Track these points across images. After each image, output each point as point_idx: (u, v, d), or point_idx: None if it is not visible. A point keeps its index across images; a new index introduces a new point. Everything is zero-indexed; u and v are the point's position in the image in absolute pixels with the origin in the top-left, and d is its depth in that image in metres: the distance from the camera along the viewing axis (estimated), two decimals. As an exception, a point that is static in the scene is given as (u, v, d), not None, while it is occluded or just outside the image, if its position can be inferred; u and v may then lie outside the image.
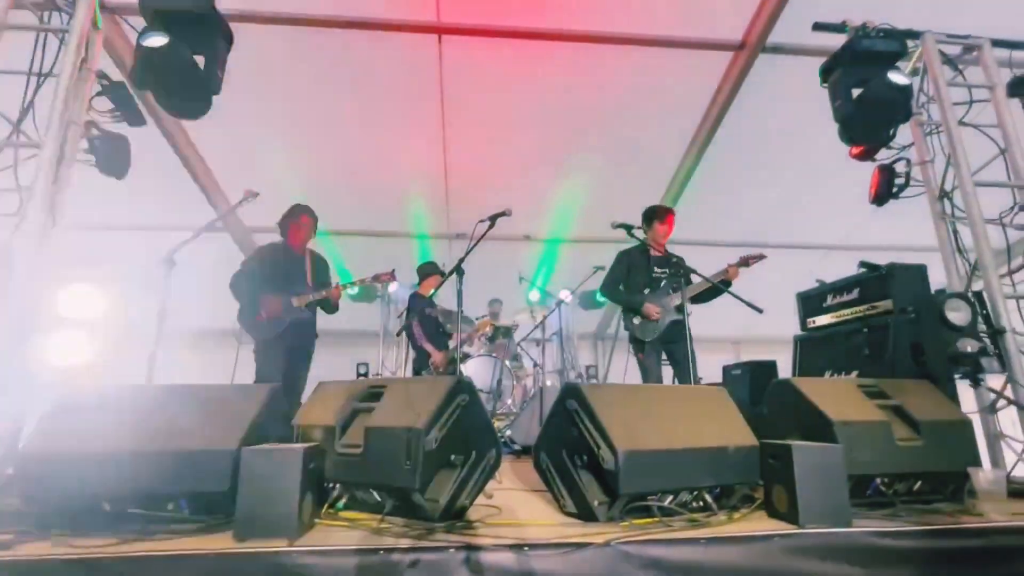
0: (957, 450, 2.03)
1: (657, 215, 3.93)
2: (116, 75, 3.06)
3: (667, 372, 3.98)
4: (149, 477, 1.73)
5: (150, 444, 1.77)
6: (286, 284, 3.69)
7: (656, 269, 3.92)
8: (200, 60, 2.49)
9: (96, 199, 4.21)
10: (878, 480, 1.95)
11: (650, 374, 3.85)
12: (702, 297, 3.79)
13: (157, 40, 2.30)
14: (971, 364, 2.37)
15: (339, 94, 4.67)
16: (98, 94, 2.69)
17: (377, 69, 4.44)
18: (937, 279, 2.99)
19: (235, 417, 1.89)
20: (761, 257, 3.77)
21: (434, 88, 4.62)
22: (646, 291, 3.88)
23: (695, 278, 3.77)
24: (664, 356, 3.93)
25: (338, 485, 1.90)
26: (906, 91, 2.71)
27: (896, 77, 2.66)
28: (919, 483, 2.00)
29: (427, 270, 5.27)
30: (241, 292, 3.64)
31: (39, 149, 2.29)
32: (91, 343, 2.12)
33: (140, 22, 2.61)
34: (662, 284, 3.88)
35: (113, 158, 2.62)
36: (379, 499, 1.83)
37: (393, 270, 4.07)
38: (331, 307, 3.89)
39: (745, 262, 3.73)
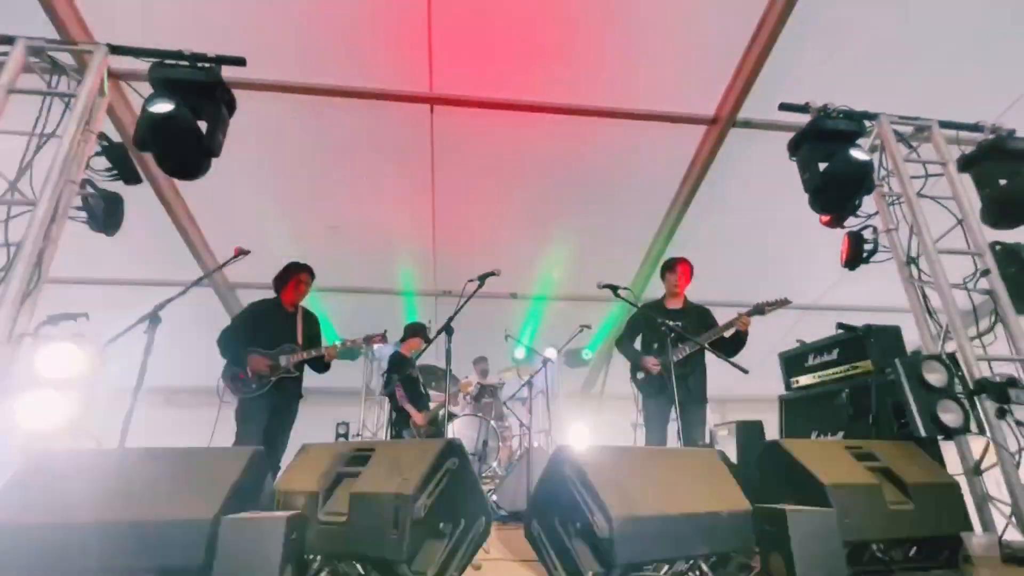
0: (948, 514, 2.03)
1: (666, 266, 3.85)
2: (111, 130, 3.14)
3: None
4: (116, 551, 1.62)
5: (119, 514, 1.68)
6: (275, 342, 3.60)
7: (668, 323, 3.67)
8: (203, 125, 2.58)
9: (82, 253, 4.19)
10: (874, 547, 1.93)
11: (652, 433, 3.72)
12: (722, 349, 3.54)
13: (163, 107, 2.39)
14: (997, 394, 2.34)
15: (332, 157, 4.83)
16: (97, 154, 2.75)
17: (370, 135, 4.63)
18: (910, 338, 3.10)
19: (213, 484, 1.81)
20: (783, 303, 3.47)
21: (425, 153, 4.82)
22: (655, 346, 3.70)
23: (706, 331, 3.62)
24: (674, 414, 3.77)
25: (319, 557, 1.80)
26: (867, 166, 2.92)
27: (857, 154, 2.88)
28: (914, 549, 1.98)
29: (414, 331, 5.22)
30: (228, 348, 3.53)
31: (33, 207, 2.30)
32: (66, 403, 2.03)
33: (143, 86, 2.73)
34: (672, 337, 3.58)
35: (106, 216, 2.64)
36: (362, 572, 1.74)
37: (385, 331, 4.00)
38: (322, 367, 3.80)
39: (760, 310, 3.50)
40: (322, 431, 6.76)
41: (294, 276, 3.77)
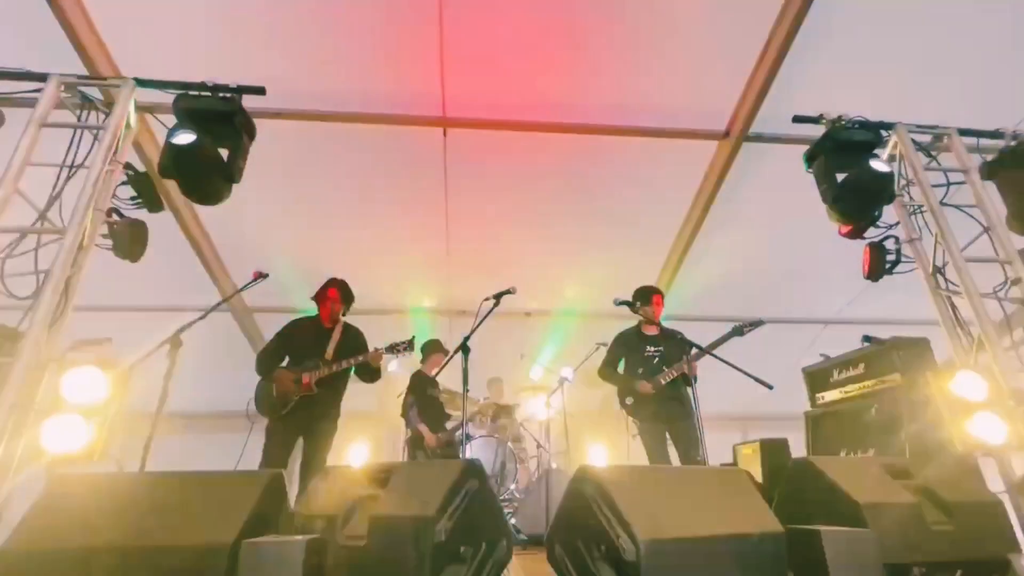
0: (993, 534, 1.93)
1: (643, 297, 3.94)
2: (134, 158, 3.24)
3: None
4: (136, 576, 1.61)
5: (140, 539, 1.67)
6: (304, 359, 3.58)
7: (648, 348, 3.92)
8: (224, 153, 2.65)
9: (103, 280, 4.29)
10: (915, 570, 1.83)
11: (653, 455, 3.73)
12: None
13: (186, 137, 2.46)
14: None
15: (347, 181, 4.91)
16: (122, 183, 2.84)
17: (386, 158, 4.71)
18: (938, 351, 3.01)
19: (232, 508, 1.80)
20: (758, 323, 3.66)
21: (438, 175, 4.88)
22: (639, 371, 3.85)
23: (696, 351, 3.67)
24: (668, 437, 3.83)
25: (339, 583, 1.76)
26: (888, 177, 2.88)
27: (877, 165, 2.83)
28: (959, 572, 1.88)
29: (432, 348, 5.22)
30: (260, 365, 3.58)
31: (62, 236, 2.37)
32: (90, 427, 2.05)
33: (167, 117, 2.82)
34: (655, 362, 3.85)
35: (131, 242, 2.70)
36: (383, 599, 1.69)
37: (412, 338, 3.85)
38: (369, 374, 3.71)
39: (739, 331, 3.64)
40: (339, 453, 6.73)
41: (321, 293, 3.80)
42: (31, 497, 1.80)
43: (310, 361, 3.55)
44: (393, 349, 3.79)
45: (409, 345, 3.83)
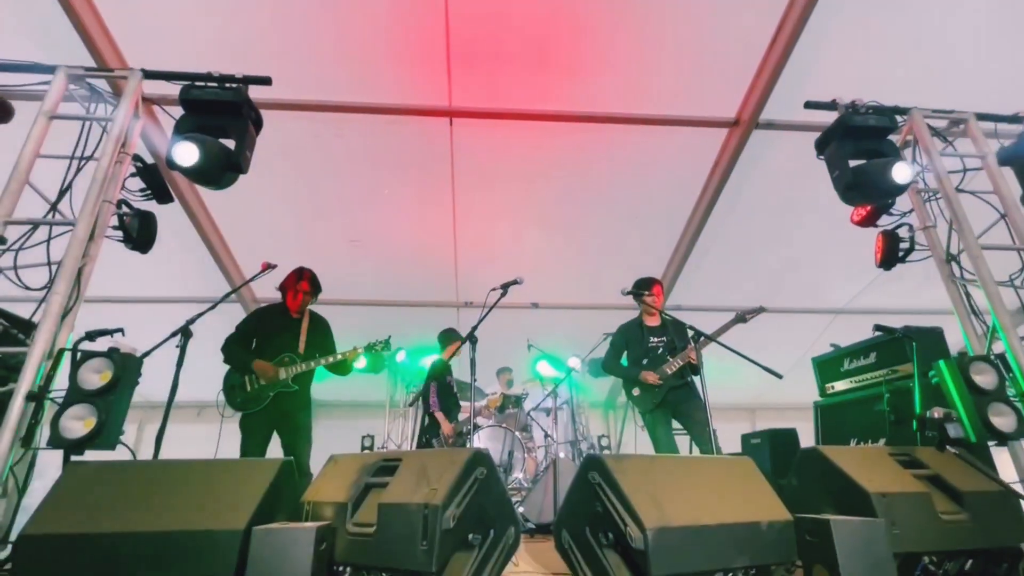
0: (1005, 524, 1.91)
1: (643, 287, 3.93)
2: (142, 150, 3.25)
3: (681, 441, 3.85)
4: (149, 561, 1.64)
5: (153, 524, 1.70)
6: (277, 350, 3.46)
7: (652, 339, 3.91)
8: (231, 143, 2.65)
9: (115, 273, 4.34)
10: (926, 559, 1.82)
11: (660, 444, 3.74)
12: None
13: (187, 156, 2.45)
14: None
15: (355, 172, 4.91)
16: (131, 175, 2.85)
17: (392, 149, 4.70)
18: (952, 340, 2.96)
19: (243, 494, 1.82)
20: (760, 310, 3.64)
21: (445, 165, 4.86)
22: (644, 362, 3.85)
23: (701, 339, 3.66)
24: (677, 424, 3.82)
25: (348, 568, 1.79)
26: (905, 187, 2.78)
27: (899, 177, 2.70)
28: (970, 561, 1.87)
29: (450, 337, 5.23)
30: (232, 356, 3.43)
31: (73, 227, 2.39)
32: (103, 416, 2.08)
33: (175, 108, 2.83)
34: (659, 352, 3.84)
35: (140, 234, 2.72)
36: (392, 584, 1.71)
37: (388, 338, 3.83)
38: (343, 370, 3.63)
39: (741, 318, 3.61)
40: (347, 444, 6.81)
41: (290, 283, 3.65)
42: (47, 484, 1.84)
43: (286, 356, 3.45)
44: (371, 348, 3.80)
45: (386, 344, 3.84)
